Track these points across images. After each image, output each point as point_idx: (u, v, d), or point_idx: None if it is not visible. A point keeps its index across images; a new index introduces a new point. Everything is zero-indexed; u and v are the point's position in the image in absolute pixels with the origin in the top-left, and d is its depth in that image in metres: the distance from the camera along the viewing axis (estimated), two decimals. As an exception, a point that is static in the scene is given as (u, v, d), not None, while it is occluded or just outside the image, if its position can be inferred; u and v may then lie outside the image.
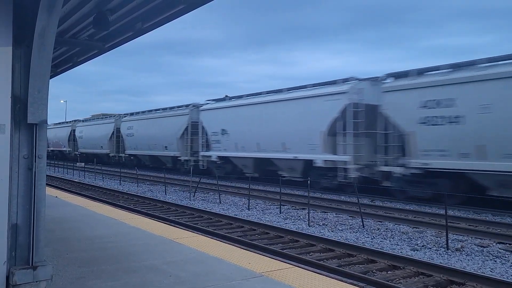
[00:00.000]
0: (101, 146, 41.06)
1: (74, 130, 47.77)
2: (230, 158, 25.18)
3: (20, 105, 3.92)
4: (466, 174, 14.54)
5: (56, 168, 38.56)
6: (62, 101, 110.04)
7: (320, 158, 19.21)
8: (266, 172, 23.04)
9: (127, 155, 37.39)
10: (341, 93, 18.43)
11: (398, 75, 16.78)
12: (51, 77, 10.74)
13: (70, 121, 51.98)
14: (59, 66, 10.56)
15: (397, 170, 16.29)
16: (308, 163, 19.92)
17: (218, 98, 27.81)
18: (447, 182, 15.00)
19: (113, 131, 39.63)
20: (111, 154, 40.03)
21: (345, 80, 19.18)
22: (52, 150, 52.25)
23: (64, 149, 50.10)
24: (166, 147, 31.40)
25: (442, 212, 10.94)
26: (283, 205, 14.90)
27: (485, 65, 14.26)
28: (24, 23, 3.91)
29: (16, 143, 3.90)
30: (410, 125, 15.71)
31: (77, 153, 46.16)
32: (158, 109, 34.23)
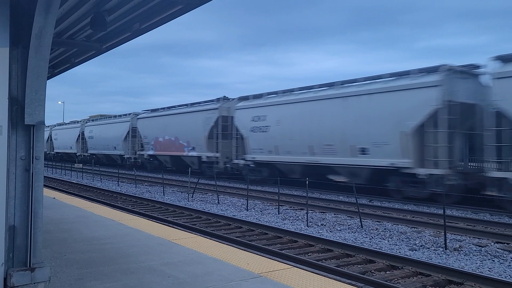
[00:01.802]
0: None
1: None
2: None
3: (17, 106, 3.90)
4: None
5: (53, 169, 38.47)
6: (59, 102, 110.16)
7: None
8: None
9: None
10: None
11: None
12: (49, 78, 10.75)
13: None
14: (57, 67, 10.53)
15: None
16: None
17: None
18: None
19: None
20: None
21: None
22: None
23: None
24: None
25: (440, 212, 10.96)
26: (281, 205, 14.89)
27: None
28: (21, 24, 3.90)
29: (13, 144, 3.89)
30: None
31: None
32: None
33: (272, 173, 22.87)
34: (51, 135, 54.75)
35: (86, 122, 46.54)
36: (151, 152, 33.71)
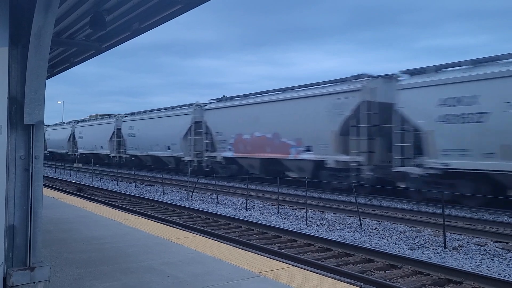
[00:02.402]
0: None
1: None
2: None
3: (16, 106, 3.90)
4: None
5: (53, 169, 38.46)
6: (59, 102, 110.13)
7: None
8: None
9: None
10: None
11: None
12: (48, 77, 10.74)
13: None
14: (56, 67, 10.53)
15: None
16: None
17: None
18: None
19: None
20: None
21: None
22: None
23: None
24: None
25: (440, 211, 10.97)
26: (281, 205, 14.90)
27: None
28: (21, 24, 3.90)
29: (13, 144, 3.89)
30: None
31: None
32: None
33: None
34: (73, 133, 48.65)
35: (124, 117, 39.41)
36: (228, 154, 25.58)
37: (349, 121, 18.47)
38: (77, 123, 48.66)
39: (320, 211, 14.10)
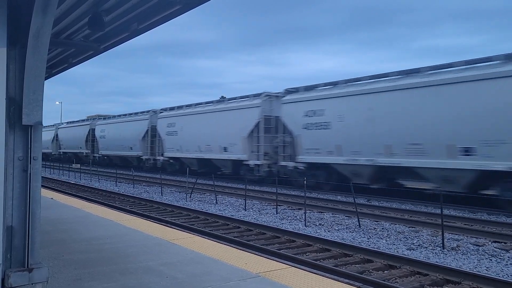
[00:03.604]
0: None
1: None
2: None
3: (14, 107, 3.90)
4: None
5: (51, 170, 38.40)
6: (57, 103, 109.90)
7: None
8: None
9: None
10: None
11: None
12: (46, 78, 10.72)
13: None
14: (54, 67, 10.51)
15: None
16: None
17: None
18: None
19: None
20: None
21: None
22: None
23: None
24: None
25: (438, 211, 10.99)
26: (279, 205, 14.90)
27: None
28: (19, 24, 3.89)
29: (11, 145, 3.88)
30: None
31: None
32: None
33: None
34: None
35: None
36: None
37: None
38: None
39: (319, 212, 14.11)
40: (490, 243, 9.63)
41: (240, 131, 24.29)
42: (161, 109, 33.89)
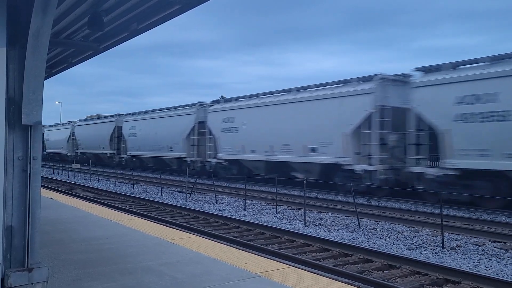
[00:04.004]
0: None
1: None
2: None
3: (14, 107, 3.89)
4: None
5: (51, 170, 38.37)
6: (57, 103, 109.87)
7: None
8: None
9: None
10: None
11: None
12: (46, 78, 10.71)
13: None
14: (54, 67, 10.50)
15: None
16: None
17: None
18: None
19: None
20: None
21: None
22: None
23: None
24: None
25: (438, 211, 10.99)
26: (279, 205, 14.90)
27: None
28: (18, 24, 3.89)
29: (11, 145, 3.88)
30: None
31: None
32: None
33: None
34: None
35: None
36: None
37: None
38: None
39: (319, 211, 14.11)
40: (489, 242, 9.63)
41: (341, 126, 18.75)
42: (212, 101, 28.75)
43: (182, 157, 29.66)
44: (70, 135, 49.05)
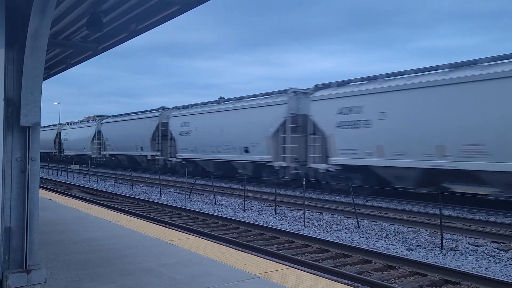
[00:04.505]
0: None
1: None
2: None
3: (12, 108, 3.89)
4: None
5: (50, 171, 38.33)
6: (55, 103, 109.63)
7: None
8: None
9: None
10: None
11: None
12: (44, 79, 10.71)
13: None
14: (53, 68, 10.49)
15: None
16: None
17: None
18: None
19: None
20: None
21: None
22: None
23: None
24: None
25: (437, 212, 11.00)
26: (278, 206, 14.90)
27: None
28: (17, 25, 3.89)
29: (9, 146, 3.87)
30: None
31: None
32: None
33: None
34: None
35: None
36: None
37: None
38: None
39: (318, 212, 14.11)
40: (488, 243, 9.64)
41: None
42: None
43: (265, 161, 23.24)
44: (95, 134, 42.88)
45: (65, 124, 56.16)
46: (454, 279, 6.80)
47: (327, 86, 20.38)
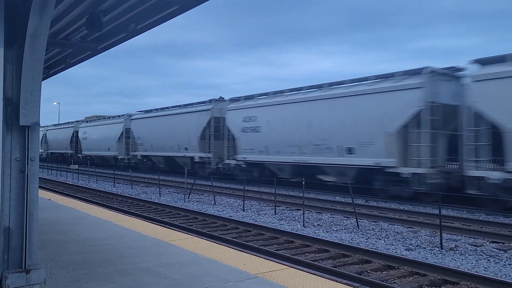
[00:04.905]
0: None
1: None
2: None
3: (12, 107, 3.88)
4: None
5: (49, 171, 38.29)
6: (55, 103, 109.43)
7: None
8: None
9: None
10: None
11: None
12: (44, 79, 10.68)
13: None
14: (52, 68, 10.48)
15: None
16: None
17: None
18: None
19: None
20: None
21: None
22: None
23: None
24: None
25: (436, 212, 11.00)
26: (278, 206, 14.89)
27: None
28: (16, 24, 3.88)
29: (8, 146, 3.87)
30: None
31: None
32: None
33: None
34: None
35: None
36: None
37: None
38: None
39: (317, 212, 14.11)
40: (488, 243, 9.64)
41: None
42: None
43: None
44: (122, 132, 37.27)
45: (83, 121, 48.92)
46: (453, 279, 6.80)
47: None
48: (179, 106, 31.62)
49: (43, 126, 51.82)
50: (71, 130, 47.83)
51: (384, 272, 7.45)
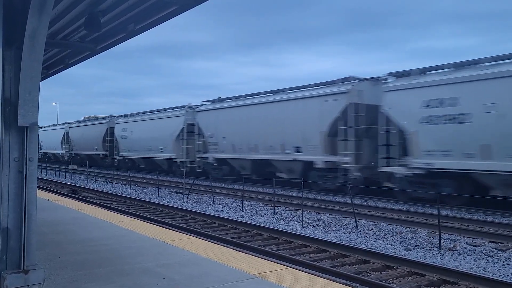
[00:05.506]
0: None
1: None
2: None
3: (10, 108, 3.88)
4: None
5: (48, 171, 38.24)
6: (53, 104, 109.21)
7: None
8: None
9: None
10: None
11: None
12: (42, 79, 10.68)
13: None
14: (50, 68, 10.47)
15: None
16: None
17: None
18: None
19: None
20: None
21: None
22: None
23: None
24: None
25: (435, 212, 11.02)
26: (277, 206, 14.90)
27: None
28: (14, 25, 3.88)
29: (7, 146, 3.86)
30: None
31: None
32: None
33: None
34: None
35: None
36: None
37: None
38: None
39: (316, 212, 14.11)
40: (486, 243, 9.65)
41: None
42: (119, 115, 38.27)
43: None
44: (183, 128, 28.84)
45: (119, 116, 37.99)
46: (452, 279, 6.81)
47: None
48: (260, 94, 24.33)
49: (64, 123, 47.11)
50: (104, 127, 38.69)
51: (383, 272, 7.46)
